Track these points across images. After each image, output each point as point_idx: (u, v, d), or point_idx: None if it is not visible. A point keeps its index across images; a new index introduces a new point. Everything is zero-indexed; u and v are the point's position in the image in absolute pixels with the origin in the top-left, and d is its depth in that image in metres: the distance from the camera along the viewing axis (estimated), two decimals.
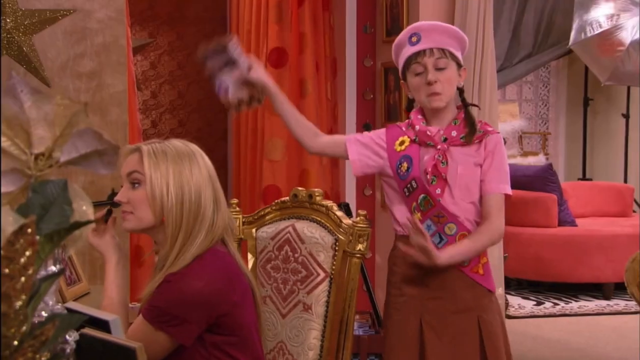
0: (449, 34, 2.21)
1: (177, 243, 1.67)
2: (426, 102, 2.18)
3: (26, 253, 0.91)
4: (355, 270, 1.99)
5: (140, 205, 1.68)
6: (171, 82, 5.92)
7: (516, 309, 4.95)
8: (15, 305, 0.92)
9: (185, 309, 1.62)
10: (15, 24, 2.84)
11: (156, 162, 1.67)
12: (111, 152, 1.02)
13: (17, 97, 1.01)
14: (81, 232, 1.04)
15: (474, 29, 3.64)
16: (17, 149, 1.01)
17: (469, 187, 2.17)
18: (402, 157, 2.20)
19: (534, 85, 7.75)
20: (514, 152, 6.89)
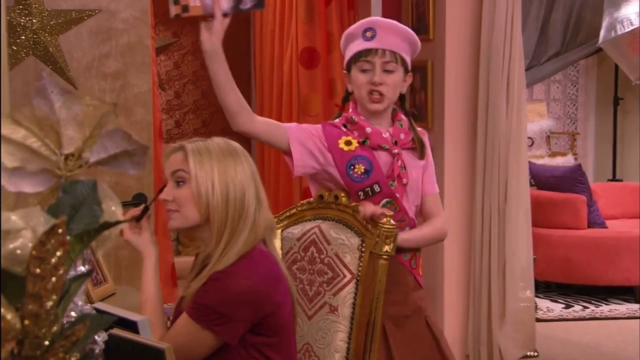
0: (403, 36, 2.19)
1: (222, 241, 1.68)
2: (366, 101, 2.16)
3: (57, 253, 0.93)
4: (382, 272, 1.99)
5: (185, 203, 1.70)
6: (195, 82, 5.95)
7: (544, 312, 4.91)
8: (46, 305, 0.94)
9: (232, 308, 1.63)
10: (41, 24, 2.88)
11: (201, 160, 1.70)
12: (140, 152, 1.03)
13: (47, 97, 1.02)
14: (110, 232, 1.05)
15: (502, 27, 3.62)
16: (47, 149, 1.03)
17: (418, 190, 2.23)
18: (354, 158, 2.14)
19: (562, 85, 7.68)
20: (542, 153, 6.84)
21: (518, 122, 3.70)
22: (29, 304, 0.92)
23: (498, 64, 3.62)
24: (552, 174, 5.57)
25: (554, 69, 5.68)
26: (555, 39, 5.42)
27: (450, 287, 3.76)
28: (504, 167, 3.65)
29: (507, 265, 3.66)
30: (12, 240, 0.92)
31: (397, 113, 2.24)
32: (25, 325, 0.92)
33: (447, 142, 3.71)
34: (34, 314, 0.92)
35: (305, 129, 2.17)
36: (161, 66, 5.83)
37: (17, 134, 1.02)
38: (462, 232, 3.76)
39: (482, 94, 3.66)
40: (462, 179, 3.74)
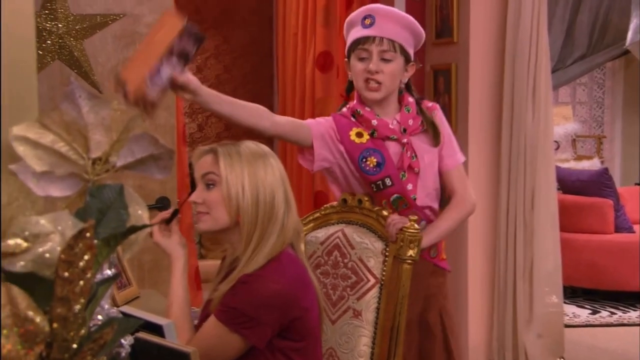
0: (404, 24, 2.15)
1: (251, 244, 1.69)
2: (363, 90, 2.13)
3: (85, 257, 0.94)
4: (406, 276, 1.99)
5: (216, 206, 1.72)
6: (217, 85, 5.98)
7: (570, 317, 4.87)
8: (74, 308, 0.95)
9: (261, 311, 1.64)
10: (67, 29, 2.91)
11: (231, 162, 1.71)
12: (166, 156, 1.04)
13: (75, 102, 1.04)
14: (137, 236, 1.07)
15: (527, 29, 3.60)
16: (75, 153, 1.04)
17: (435, 173, 2.19)
18: (366, 150, 2.12)
19: (589, 87, 7.62)
20: (568, 156, 6.78)
21: (545, 125, 3.68)
22: (57, 307, 0.93)
23: (523, 66, 3.60)
24: (578, 178, 5.53)
25: (579, 72, 5.63)
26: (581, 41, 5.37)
27: (474, 291, 3.74)
28: (530, 171, 3.62)
29: (534, 270, 3.63)
30: (41, 244, 0.94)
31: (404, 96, 2.19)
32: (54, 328, 0.94)
33: (471, 145, 3.69)
34: (62, 317, 0.94)
35: (321, 123, 2.17)
36: None
37: (46, 139, 1.04)
38: (487, 236, 3.74)
39: (507, 97, 3.64)
40: (486, 183, 3.72)
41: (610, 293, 5.22)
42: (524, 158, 3.62)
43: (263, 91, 6.00)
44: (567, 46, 5.31)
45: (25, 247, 0.92)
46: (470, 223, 3.69)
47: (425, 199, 2.18)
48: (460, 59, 3.74)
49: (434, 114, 2.22)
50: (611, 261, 5.12)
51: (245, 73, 6.01)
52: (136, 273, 3.02)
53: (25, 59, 1.06)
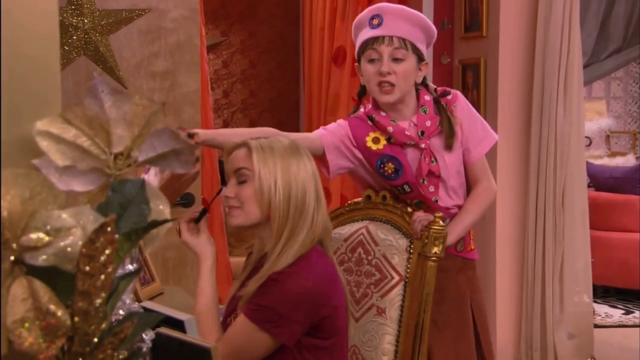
0: (413, 22, 2.09)
1: (282, 239, 1.70)
2: (376, 93, 2.09)
3: (106, 251, 0.96)
4: (431, 274, 1.99)
5: (248, 200, 1.73)
6: (243, 81, 6.02)
7: (603, 317, 4.83)
8: (95, 302, 0.97)
9: (291, 309, 1.65)
10: (92, 24, 2.95)
11: (264, 157, 1.72)
12: (187, 151, 1.06)
13: (98, 97, 1.06)
14: (158, 231, 1.08)
15: (559, 22, 3.57)
16: (97, 148, 1.06)
17: (459, 170, 2.16)
18: (384, 157, 2.10)
19: (624, 82, 7.52)
20: (601, 153, 6.71)
21: (576, 121, 3.65)
22: (78, 301, 0.95)
23: (554, 61, 3.58)
24: (612, 175, 5.47)
25: (614, 66, 5.56)
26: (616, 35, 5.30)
27: (502, 290, 3.72)
28: (560, 168, 3.60)
29: (565, 269, 3.61)
30: (63, 238, 0.96)
31: (420, 95, 2.14)
32: (75, 322, 0.96)
33: (500, 142, 3.65)
34: (83, 311, 0.96)
35: (334, 132, 2.12)
36: (210, 65, 5.90)
37: (68, 134, 1.05)
38: (515, 234, 3.72)
39: (537, 92, 3.61)
40: (515, 180, 3.70)
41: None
42: (554, 154, 3.59)
43: (289, 87, 6.02)
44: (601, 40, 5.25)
45: (47, 241, 0.94)
46: (498, 221, 3.68)
47: (448, 199, 2.16)
48: (489, 54, 3.72)
49: (454, 107, 2.16)
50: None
51: (271, 68, 6.03)
52: (160, 270, 3.05)
53: (49, 54, 1.08)
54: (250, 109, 6.00)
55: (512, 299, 3.73)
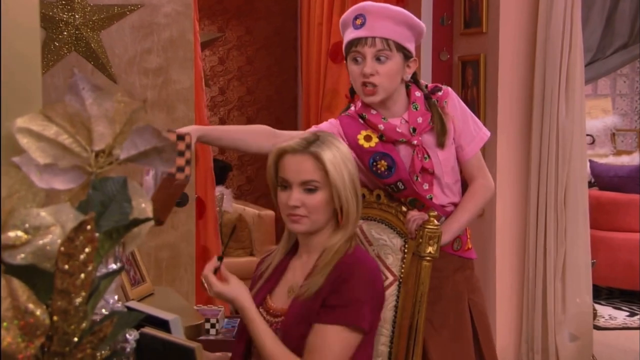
0: (398, 20, 2.09)
1: (346, 235, 1.83)
2: (360, 93, 2.11)
3: (86, 250, 0.97)
4: (425, 274, 2.00)
5: (317, 209, 1.81)
6: (240, 77, 6.03)
7: (606, 319, 4.83)
8: (75, 301, 0.98)
9: (368, 292, 1.78)
10: (83, 19, 2.96)
11: (338, 167, 1.80)
12: (169, 149, 1.07)
13: (79, 94, 1.07)
14: (140, 229, 1.09)
15: (560, 18, 3.58)
16: (78, 146, 1.07)
17: (453, 166, 2.17)
18: (376, 154, 2.11)
19: (630, 79, 7.52)
20: (606, 151, 6.71)
21: (579, 119, 3.65)
22: (58, 300, 0.96)
23: (556, 57, 3.58)
24: (616, 174, 5.47)
25: (620, 62, 5.56)
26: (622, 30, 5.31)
27: (502, 290, 3.73)
28: (562, 167, 3.60)
29: (567, 269, 3.61)
30: (42, 237, 0.97)
31: (411, 91, 2.16)
32: (54, 321, 0.97)
33: (500, 140, 3.68)
34: (62, 310, 0.97)
35: (326, 129, 2.12)
36: (206, 62, 5.91)
37: (49, 131, 1.07)
38: (515, 234, 3.73)
39: (538, 89, 3.62)
40: (516, 178, 3.71)
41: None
42: (556, 152, 3.60)
43: (287, 84, 6.03)
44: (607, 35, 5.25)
45: (25, 239, 0.95)
46: (498, 220, 3.69)
47: (443, 197, 2.17)
48: (489, 50, 3.73)
49: (446, 103, 2.17)
50: None
51: (268, 65, 6.04)
52: (153, 270, 3.06)
53: (29, 49, 1.09)
54: (247, 106, 6.01)
55: (513, 299, 3.74)
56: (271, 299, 1.88)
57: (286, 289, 1.88)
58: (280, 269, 1.91)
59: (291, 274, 1.90)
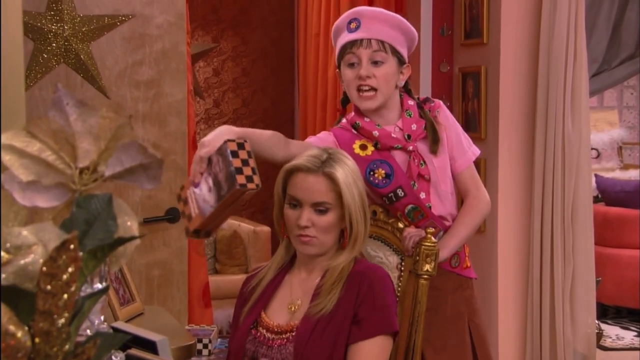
0: (392, 24, 2.13)
1: (353, 252, 1.87)
2: (356, 99, 2.13)
3: (69, 269, 0.97)
4: (422, 293, 2.00)
5: (327, 230, 1.84)
6: (235, 89, 6.05)
7: (614, 339, 4.83)
8: (57, 323, 0.98)
9: (390, 294, 1.86)
10: (73, 31, 2.97)
11: (352, 192, 1.84)
12: (156, 165, 1.08)
13: (63, 110, 1.08)
14: (125, 248, 1.10)
15: (564, 29, 3.60)
16: (62, 162, 1.08)
17: (448, 175, 2.19)
18: (373, 162, 2.13)
19: (637, 90, 7.55)
20: (613, 165, 6.73)
21: (585, 132, 3.66)
22: (39, 321, 0.97)
23: (560, 69, 3.60)
24: (623, 189, 5.48)
25: (627, 74, 5.58)
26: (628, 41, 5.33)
27: (505, 313, 3.73)
28: (569, 181, 3.60)
29: (575, 288, 3.61)
30: (23, 256, 0.97)
31: (404, 100, 2.19)
32: (36, 343, 0.97)
33: (501, 154, 3.69)
34: (45, 331, 0.97)
35: (323, 139, 2.17)
36: (200, 73, 5.93)
37: (32, 147, 1.07)
38: (518, 251, 3.73)
39: (541, 102, 3.63)
40: (518, 194, 3.72)
41: None
42: (562, 167, 3.60)
43: (283, 96, 6.05)
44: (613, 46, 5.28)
45: (6, 259, 0.96)
46: (500, 237, 3.69)
47: (441, 207, 2.18)
48: (490, 62, 3.75)
49: (438, 113, 2.20)
50: None
51: (264, 76, 6.06)
52: (144, 289, 3.06)
53: (12, 64, 1.10)
54: (242, 119, 6.02)
55: (517, 321, 3.73)
56: (267, 316, 1.89)
57: (283, 305, 1.89)
58: (273, 285, 1.92)
59: (287, 290, 1.91)
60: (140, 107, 3.09)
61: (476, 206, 2.21)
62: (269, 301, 1.91)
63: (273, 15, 6.02)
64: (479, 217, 2.22)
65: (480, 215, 2.22)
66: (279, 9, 5.99)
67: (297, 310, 1.86)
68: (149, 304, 2.92)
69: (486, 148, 3.69)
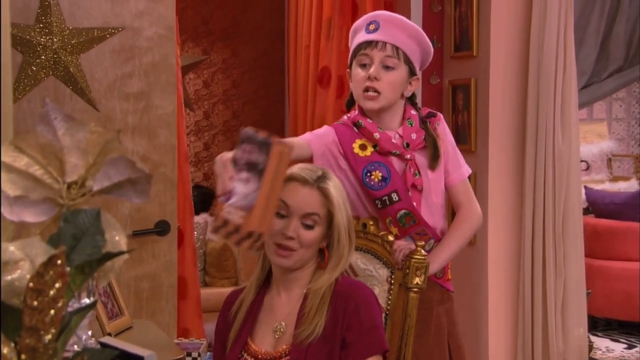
0: (410, 33, 2.15)
1: (337, 270, 1.85)
2: (360, 99, 2.14)
3: (56, 285, 0.97)
4: (412, 306, 2.00)
5: (311, 245, 1.83)
6: (225, 101, 6.05)
7: (603, 352, 4.84)
8: (44, 339, 0.98)
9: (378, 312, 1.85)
10: (62, 43, 2.97)
11: (340, 204, 1.83)
12: (144, 180, 1.08)
13: (50, 124, 1.08)
14: (113, 263, 1.10)
15: (553, 42, 3.62)
16: (50, 177, 1.08)
17: (441, 189, 2.21)
18: (371, 164, 2.14)
19: (626, 103, 7.60)
20: (602, 177, 6.76)
21: (575, 145, 3.68)
22: (26, 337, 0.96)
23: (549, 82, 3.62)
24: (612, 201, 5.51)
25: (615, 86, 5.63)
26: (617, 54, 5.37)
27: (496, 325, 3.73)
28: (559, 194, 3.62)
29: (567, 300, 3.61)
30: (10, 272, 0.97)
31: (406, 109, 2.21)
32: (23, 359, 0.97)
33: (491, 166, 3.70)
34: (31, 348, 0.97)
35: (322, 138, 2.16)
36: (190, 85, 5.93)
37: (20, 162, 1.07)
38: (509, 263, 3.73)
39: (532, 115, 3.65)
40: (509, 206, 3.73)
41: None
42: (553, 180, 3.61)
43: (274, 108, 6.05)
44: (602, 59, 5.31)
45: None
46: (491, 251, 3.69)
47: (430, 218, 2.19)
48: (480, 74, 3.77)
49: (438, 125, 2.23)
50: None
51: (255, 88, 6.06)
52: (133, 302, 3.05)
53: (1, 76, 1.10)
54: (232, 131, 6.02)
55: (508, 335, 3.73)
56: (254, 342, 1.87)
57: (269, 329, 1.87)
58: (255, 307, 1.90)
59: (269, 314, 1.88)
60: (130, 120, 3.09)
61: (468, 219, 2.22)
62: (253, 327, 1.89)
63: (263, 27, 6.03)
64: (470, 230, 2.24)
65: (471, 228, 2.24)
66: (269, 21, 6.01)
67: (282, 335, 1.84)
68: (137, 317, 2.90)
69: (476, 160, 3.70)
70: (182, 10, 5.57)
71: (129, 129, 3.06)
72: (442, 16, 4.06)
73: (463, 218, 2.21)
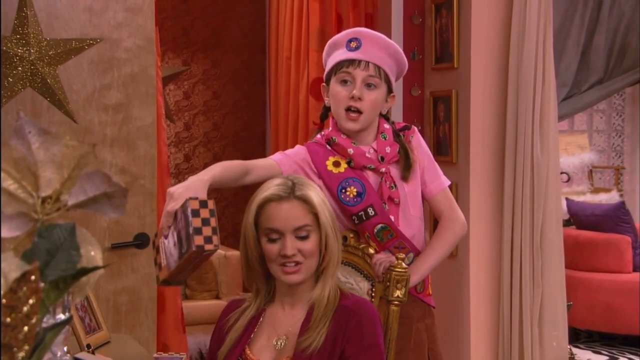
0: (390, 52, 2.17)
1: (329, 283, 1.85)
2: (342, 119, 2.16)
3: (29, 301, 0.96)
4: (393, 319, 2.01)
5: (311, 254, 1.83)
6: (206, 112, 6.04)
7: None
8: (17, 356, 0.97)
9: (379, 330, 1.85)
10: (39, 54, 2.95)
11: (325, 211, 1.84)
12: (120, 194, 1.07)
13: (25, 138, 1.07)
14: (89, 278, 1.09)
15: (532, 54, 3.65)
16: (24, 191, 1.07)
17: (418, 201, 2.22)
18: (346, 180, 2.15)
19: (607, 114, 7.66)
20: (583, 189, 6.80)
21: (554, 156, 3.71)
22: None
23: (528, 93, 3.65)
24: (593, 212, 5.55)
25: (596, 98, 5.66)
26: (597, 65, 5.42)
27: (477, 337, 3.73)
28: (538, 205, 3.64)
29: (544, 312, 3.63)
30: None
31: (379, 123, 2.23)
32: None
33: (472, 178, 3.72)
34: None
35: (292, 157, 2.17)
36: (170, 96, 5.92)
37: None
38: (490, 276, 3.74)
39: (511, 125, 3.67)
40: (490, 218, 3.74)
41: (630, 338, 5.20)
42: (531, 191, 3.64)
43: (255, 119, 6.06)
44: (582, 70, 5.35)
45: None
46: (472, 263, 3.71)
47: (409, 230, 2.19)
48: (461, 86, 3.79)
49: (412, 138, 2.24)
50: (630, 303, 5.11)
51: (236, 100, 6.06)
52: (112, 316, 3.02)
53: None
54: (213, 142, 6.01)
55: (488, 347, 3.74)
56: (252, 352, 1.86)
57: (268, 341, 1.86)
58: (255, 319, 1.90)
59: (270, 325, 1.88)
60: (109, 131, 3.08)
61: (450, 228, 2.22)
62: (252, 337, 1.88)
63: (244, 39, 6.04)
64: (452, 239, 2.24)
65: (453, 237, 2.23)
66: (250, 32, 6.01)
67: (282, 347, 1.84)
68: (116, 331, 2.88)
69: (457, 172, 3.72)
70: (163, 20, 5.57)
71: (108, 141, 3.05)
72: (423, 28, 4.08)
73: (443, 227, 2.22)
